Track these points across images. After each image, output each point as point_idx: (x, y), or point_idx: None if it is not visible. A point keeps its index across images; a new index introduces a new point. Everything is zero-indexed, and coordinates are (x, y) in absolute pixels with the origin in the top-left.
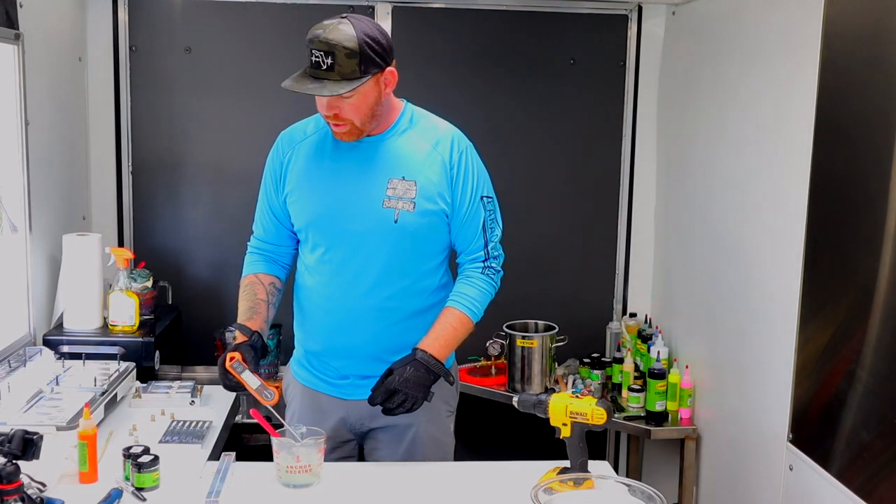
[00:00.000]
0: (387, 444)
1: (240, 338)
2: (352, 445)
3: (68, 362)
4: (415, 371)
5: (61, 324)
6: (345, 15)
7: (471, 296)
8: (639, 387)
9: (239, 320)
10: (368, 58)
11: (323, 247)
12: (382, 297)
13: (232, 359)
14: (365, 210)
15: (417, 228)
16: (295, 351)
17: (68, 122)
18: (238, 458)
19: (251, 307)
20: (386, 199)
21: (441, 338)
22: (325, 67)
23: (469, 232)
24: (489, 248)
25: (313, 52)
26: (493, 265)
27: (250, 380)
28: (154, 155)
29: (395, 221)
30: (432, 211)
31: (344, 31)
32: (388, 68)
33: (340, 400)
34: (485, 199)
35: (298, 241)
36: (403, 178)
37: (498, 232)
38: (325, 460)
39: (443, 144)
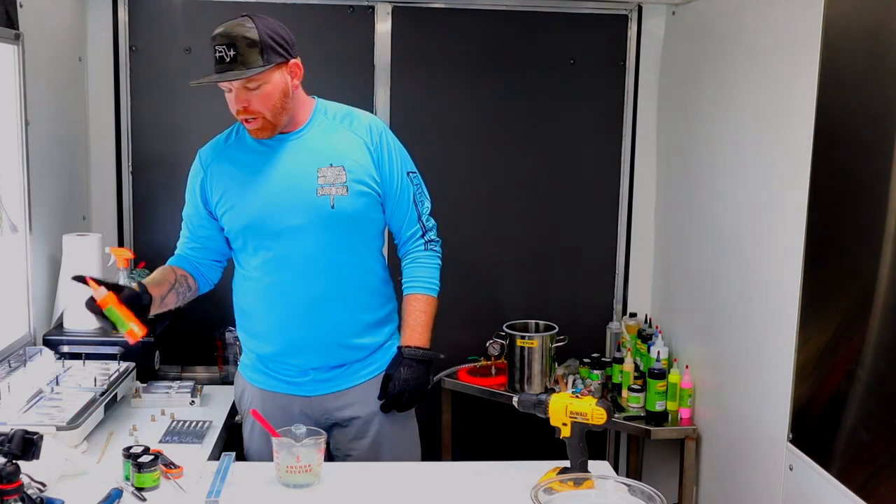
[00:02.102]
0: (353, 435)
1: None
2: None
3: (68, 362)
4: (408, 368)
5: (61, 324)
6: (245, 14)
7: (425, 276)
8: (639, 387)
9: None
10: (270, 47)
11: (265, 248)
12: (335, 283)
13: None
14: (301, 202)
15: (355, 211)
16: (243, 357)
17: (68, 122)
18: (238, 458)
19: (158, 279)
20: (319, 187)
21: (417, 327)
22: (228, 60)
23: (402, 208)
24: (423, 219)
25: (216, 48)
26: (432, 237)
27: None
28: (154, 155)
29: (332, 207)
30: (365, 192)
31: (243, 24)
32: (293, 60)
33: (302, 398)
34: (410, 174)
35: (219, 262)
36: (331, 165)
37: (427, 204)
38: None
39: (361, 129)
